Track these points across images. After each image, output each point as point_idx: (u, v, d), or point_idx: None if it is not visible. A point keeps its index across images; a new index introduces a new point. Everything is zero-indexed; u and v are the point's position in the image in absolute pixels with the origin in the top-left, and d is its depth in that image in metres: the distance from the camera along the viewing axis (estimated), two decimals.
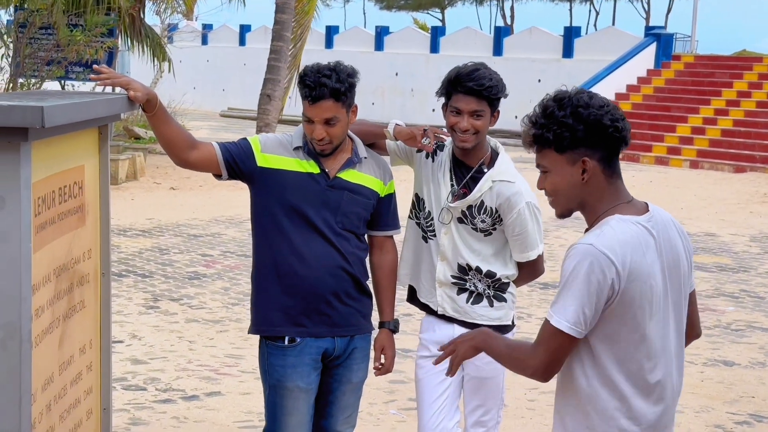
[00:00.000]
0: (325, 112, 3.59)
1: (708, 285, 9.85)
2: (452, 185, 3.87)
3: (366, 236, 3.87)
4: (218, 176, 3.74)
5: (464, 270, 3.87)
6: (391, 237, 3.92)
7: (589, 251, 2.60)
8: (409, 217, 4.01)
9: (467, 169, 3.87)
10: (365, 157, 3.78)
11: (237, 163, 3.69)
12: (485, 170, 3.85)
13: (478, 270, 3.86)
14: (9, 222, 2.73)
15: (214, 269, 9.56)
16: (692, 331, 3.01)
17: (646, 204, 2.78)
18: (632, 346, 2.68)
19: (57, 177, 3.14)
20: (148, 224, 12.05)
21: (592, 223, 2.73)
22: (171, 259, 9.99)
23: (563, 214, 2.78)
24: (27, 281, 2.78)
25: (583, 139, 2.66)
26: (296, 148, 3.72)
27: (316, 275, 3.67)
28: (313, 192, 3.67)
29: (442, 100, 3.86)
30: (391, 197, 3.87)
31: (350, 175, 3.73)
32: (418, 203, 3.97)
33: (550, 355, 2.66)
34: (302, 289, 3.67)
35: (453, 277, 3.89)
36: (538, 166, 2.77)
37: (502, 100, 3.84)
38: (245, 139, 3.78)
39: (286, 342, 3.69)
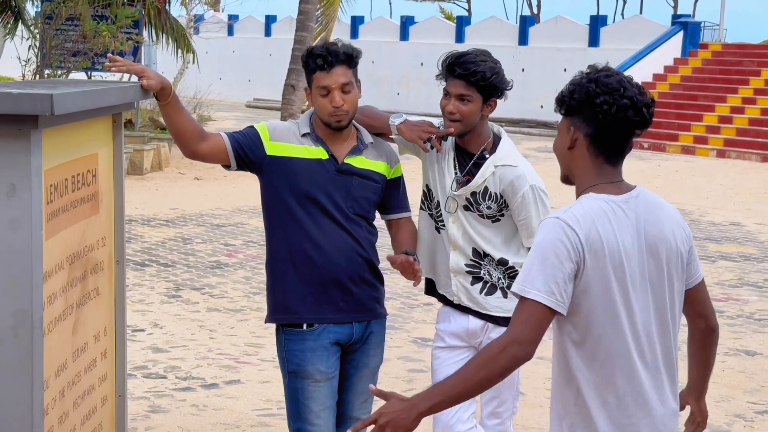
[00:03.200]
0: (341, 77, 3.62)
1: (732, 274, 9.78)
2: (456, 173, 3.86)
3: (386, 222, 3.91)
4: (227, 167, 3.75)
5: (479, 255, 3.86)
6: (409, 218, 3.92)
7: (553, 223, 2.65)
8: (421, 208, 4.00)
9: (470, 156, 3.86)
10: (371, 143, 3.80)
11: (246, 153, 3.70)
12: (487, 156, 3.84)
13: (491, 257, 3.85)
14: (20, 209, 2.75)
15: (236, 258, 9.59)
16: (704, 323, 2.96)
17: (635, 187, 2.77)
18: (608, 325, 2.65)
19: (70, 165, 3.16)
20: (172, 214, 12.11)
21: (576, 197, 2.76)
22: (194, 249, 10.03)
23: (562, 178, 2.84)
24: (38, 269, 2.81)
25: (575, 110, 2.71)
26: (304, 135, 3.73)
27: (332, 260, 3.68)
28: (323, 178, 3.68)
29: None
30: (399, 180, 3.90)
31: (358, 161, 3.75)
32: (428, 194, 3.96)
33: (534, 331, 2.59)
34: (319, 275, 3.68)
35: (467, 265, 3.88)
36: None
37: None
38: (252, 127, 3.78)
39: (305, 327, 3.69)
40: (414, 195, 3.99)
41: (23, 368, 2.79)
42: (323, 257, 3.68)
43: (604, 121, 2.67)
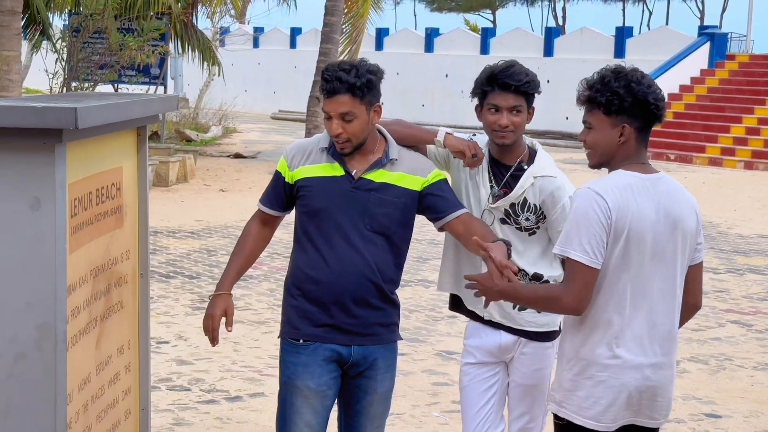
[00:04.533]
0: (341, 107, 3.55)
1: (760, 287, 9.67)
2: (492, 186, 3.82)
3: (445, 226, 3.73)
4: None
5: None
6: (467, 212, 3.73)
7: (584, 193, 3.15)
8: None
9: (506, 169, 3.83)
10: (396, 158, 3.70)
11: (282, 200, 3.78)
12: (525, 167, 3.80)
13: (525, 272, 3.81)
14: (44, 223, 2.76)
15: (261, 271, 9.60)
16: (690, 300, 3.33)
17: (658, 171, 3.26)
18: (621, 283, 3.13)
19: (94, 178, 3.16)
20: (197, 226, 12.15)
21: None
22: (218, 261, 10.04)
23: (595, 165, 3.29)
24: (62, 282, 2.81)
25: (628, 110, 3.16)
26: (322, 149, 3.69)
27: (337, 281, 3.62)
28: (338, 195, 3.63)
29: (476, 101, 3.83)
30: (441, 184, 3.73)
31: (377, 176, 3.66)
32: None
33: (579, 287, 3.10)
34: (322, 294, 3.64)
35: None
36: (584, 121, 3.25)
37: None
38: (276, 172, 3.82)
39: (301, 341, 3.67)
40: None
41: (47, 381, 2.79)
42: (329, 277, 3.62)
43: (654, 115, 3.18)
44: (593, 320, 3.18)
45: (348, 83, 3.52)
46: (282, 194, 3.76)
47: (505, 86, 3.71)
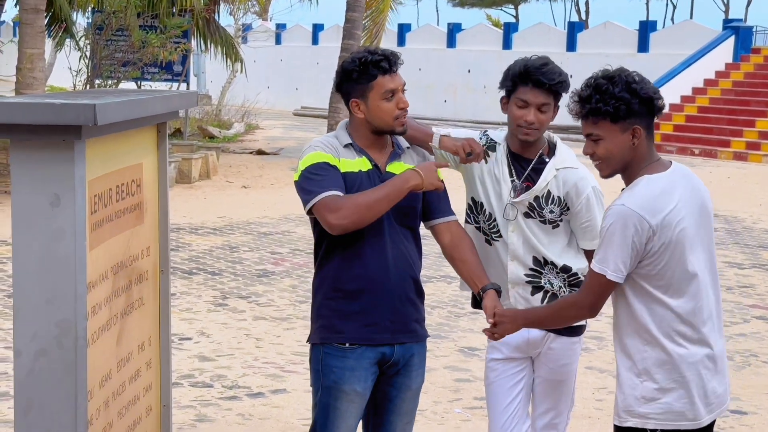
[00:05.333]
0: (401, 78, 3.60)
1: None
2: (513, 180, 3.80)
3: (432, 229, 3.75)
4: None
5: (540, 264, 3.79)
6: (456, 221, 3.76)
7: (622, 212, 3.11)
8: (467, 222, 3.92)
9: (527, 163, 3.81)
10: (408, 147, 3.72)
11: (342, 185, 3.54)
12: (546, 160, 3.80)
13: (554, 264, 3.79)
14: (64, 220, 2.76)
15: (283, 267, 9.60)
16: None
17: (670, 162, 3.28)
18: (676, 278, 3.15)
19: (114, 175, 3.16)
20: (220, 222, 12.17)
21: (628, 181, 3.21)
22: (240, 257, 10.06)
23: (609, 175, 3.26)
24: (82, 279, 2.81)
25: (635, 111, 3.14)
26: (346, 146, 3.62)
27: (381, 281, 3.58)
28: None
29: (502, 92, 3.80)
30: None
31: (398, 167, 3.63)
32: (475, 207, 3.89)
33: (596, 295, 3.20)
34: (367, 294, 3.58)
35: (527, 275, 3.81)
36: (588, 135, 3.21)
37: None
38: (316, 164, 3.54)
39: (347, 345, 3.60)
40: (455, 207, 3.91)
41: (67, 378, 2.80)
42: (372, 277, 3.57)
43: (658, 109, 3.19)
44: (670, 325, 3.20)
45: (399, 56, 3.62)
46: (341, 179, 3.53)
47: (538, 83, 3.69)
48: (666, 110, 3.65)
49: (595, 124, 3.17)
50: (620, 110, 3.13)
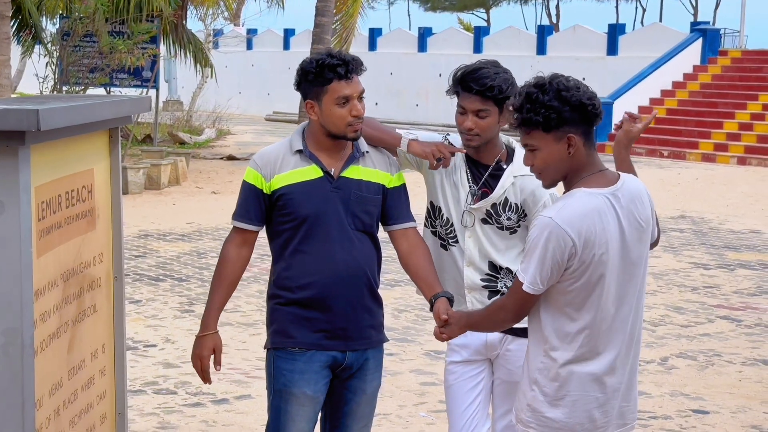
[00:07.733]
0: (359, 85, 3.55)
1: (750, 283, 9.66)
2: (470, 186, 3.79)
3: (389, 234, 3.75)
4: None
5: (496, 269, 3.79)
6: (414, 228, 3.76)
7: (548, 224, 3.02)
8: (425, 225, 3.91)
9: (484, 168, 3.79)
10: (367, 152, 3.67)
11: (260, 214, 3.62)
12: (504, 166, 3.78)
13: (508, 270, 3.79)
14: (8, 227, 2.72)
15: (250, 273, 9.56)
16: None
17: (619, 175, 3.15)
18: (588, 301, 3.07)
19: (63, 181, 3.13)
20: (188, 228, 12.12)
21: (567, 190, 3.11)
22: (208, 263, 10.02)
23: (551, 184, 3.19)
24: (28, 287, 2.77)
25: (567, 119, 3.03)
26: (296, 152, 3.60)
27: (332, 286, 3.57)
28: (321, 198, 3.56)
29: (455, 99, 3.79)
30: (402, 188, 3.74)
31: (354, 172, 3.61)
32: (433, 211, 3.87)
33: (516, 302, 3.15)
34: (317, 300, 3.58)
35: (483, 280, 3.80)
36: (525, 145, 3.12)
37: None
38: (244, 183, 3.65)
39: (297, 349, 3.60)
40: (414, 209, 3.91)
41: (14, 387, 2.76)
42: (324, 282, 3.56)
43: (593, 116, 3.06)
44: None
45: (360, 63, 3.58)
46: (260, 206, 3.62)
47: (471, 90, 3.66)
48: (635, 113, 3.51)
49: (528, 134, 3.08)
50: (551, 119, 3.02)
